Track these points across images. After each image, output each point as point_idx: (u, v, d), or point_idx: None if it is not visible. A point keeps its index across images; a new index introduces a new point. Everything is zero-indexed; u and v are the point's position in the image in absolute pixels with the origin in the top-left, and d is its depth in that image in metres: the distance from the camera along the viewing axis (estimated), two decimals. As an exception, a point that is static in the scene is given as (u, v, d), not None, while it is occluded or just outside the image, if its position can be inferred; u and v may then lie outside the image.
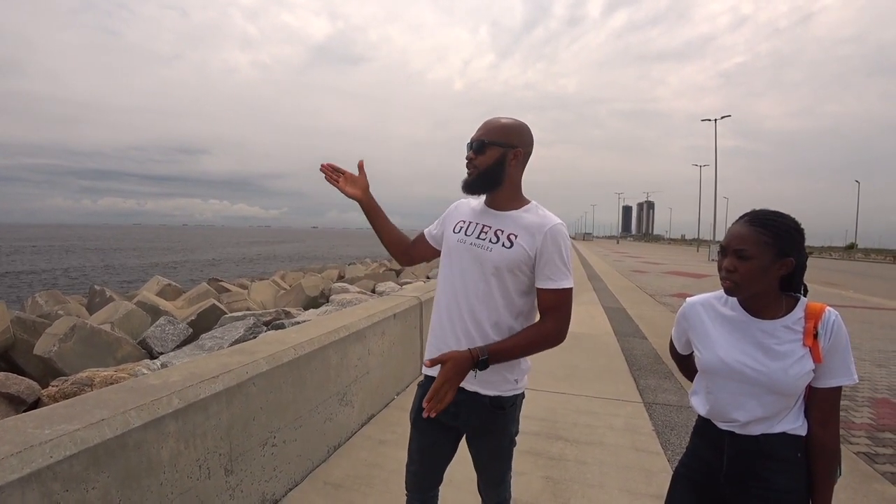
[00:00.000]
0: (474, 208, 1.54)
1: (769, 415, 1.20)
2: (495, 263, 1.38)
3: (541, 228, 1.38)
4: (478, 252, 1.41)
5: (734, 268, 1.18)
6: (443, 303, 1.48)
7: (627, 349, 5.56)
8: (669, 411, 3.59)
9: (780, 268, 1.16)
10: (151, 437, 1.61)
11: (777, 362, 1.17)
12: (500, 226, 1.43)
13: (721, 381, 1.26)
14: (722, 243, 1.24)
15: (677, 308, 6.69)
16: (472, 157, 1.43)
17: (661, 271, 19.49)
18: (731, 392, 1.24)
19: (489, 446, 1.51)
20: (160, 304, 8.68)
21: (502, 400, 1.44)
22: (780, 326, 1.19)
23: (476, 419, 1.46)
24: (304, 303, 10.39)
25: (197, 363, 2.08)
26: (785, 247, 1.15)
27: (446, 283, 1.49)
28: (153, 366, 4.54)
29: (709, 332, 1.29)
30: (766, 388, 1.18)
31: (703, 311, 1.33)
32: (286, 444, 2.32)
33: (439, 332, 1.48)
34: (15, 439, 1.32)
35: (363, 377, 3.14)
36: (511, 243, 1.38)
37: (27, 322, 6.69)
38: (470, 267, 1.42)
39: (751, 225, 1.18)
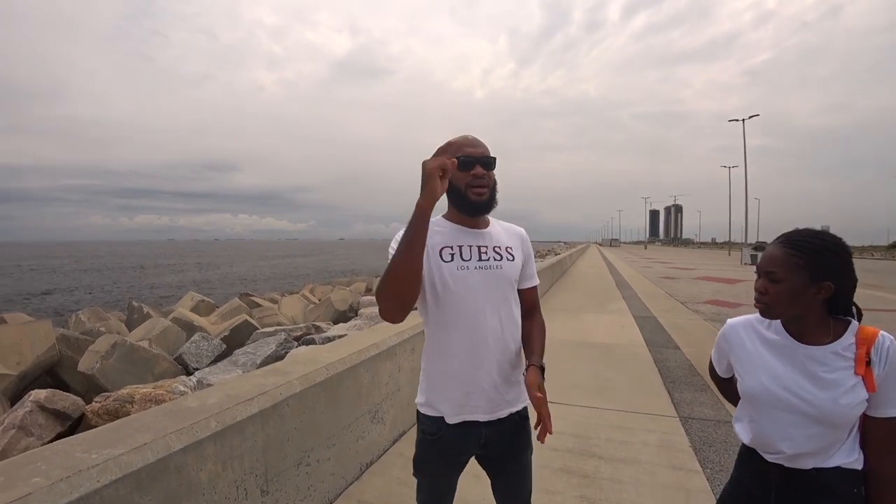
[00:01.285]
0: (446, 232, 1.41)
1: (819, 447, 1.13)
2: (510, 278, 1.43)
3: (520, 236, 1.53)
4: (489, 273, 1.40)
5: (765, 290, 1.15)
6: (465, 339, 1.37)
7: (660, 360, 5.43)
8: (707, 426, 3.48)
9: (817, 292, 1.10)
10: (191, 459, 1.65)
11: (826, 392, 1.10)
12: (493, 242, 1.44)
13: (765, 409, 1.19)
14: (756, 264, 1.21)
15: (711, 316, 6.53)
16: (483, 173, 1.36)
17: (693, 277, 19.02)
18: (776, 422, 1.17)
19: (520, 461, 1.50)
20: (195, 319, 8.92)
21: (525, 410, 1.49)
22: (828, 353, 1.12)
23: (508, 440, 1.46)
24: (333, 317, 10.53)
25: (232, 384, 2.13)
26: (820, 270, 1.09)
27: (460, 316, 1.36)
28: (189, 382, 4.65)
29: (751, 356, 1.23)
30: (814, 419, 1.11)
31: (745, 334, 1.27)
32: (320, 464, 2.35)
33: (468, 370, 1.37)
34: (64, 464, 1.37)
35: (394, 394, 3.16)
36: (512, 256, 1.45)
37: (71, 339, 6.97)
38: (483, 290, 1.38)
39: (783, 246, 1.13)
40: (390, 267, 1.21)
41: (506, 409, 1.42)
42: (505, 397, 1.41)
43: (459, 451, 1.44)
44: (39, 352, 6.05)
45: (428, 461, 1.46)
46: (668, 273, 21.07)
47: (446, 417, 1.40)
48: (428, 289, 1.39)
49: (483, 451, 1.46)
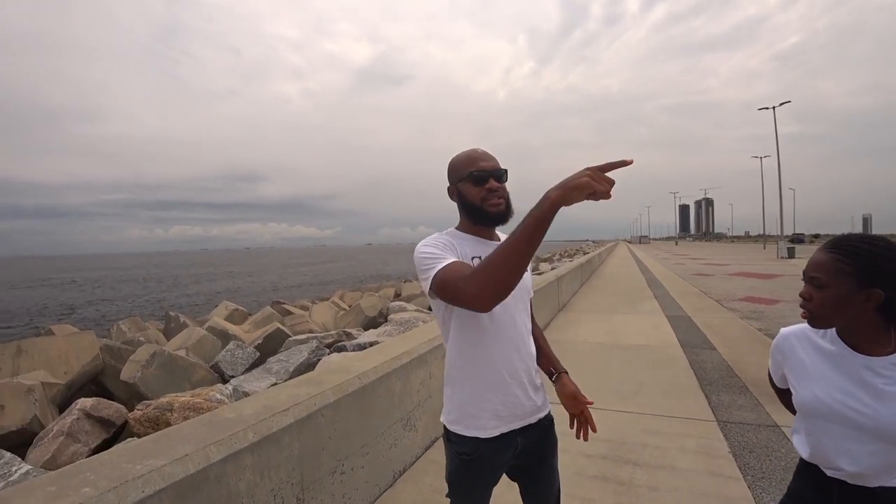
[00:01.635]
0: (468, 242, 1.40)
1: (883, 465, 1.06)
2: (527, 288, 1.48)
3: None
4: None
5: (809, 296, 1.10)
6: (495, 348, 1.36)
7: (696, 362, 5.29)
8: (746, 431, 3.37)
9: (865, 299, 1.04)
10: (230, 470, 1.69)
11: (888, 406, 1.03)
12: None
13: (821, 423, 1.13)
14: (803, 269, 1.16)
15: (747, 314, 6.33)
16: (497, 187, 1.38)
17: (727, 273, 18.49)
18: (833, 436, 1.11)
19: (549, 464, 1.52)
20: (229, 328, 9.14)
21: (551, 413, 1.53)
22: (889, 364, 1.06)
23: (538, 445, 1.48)
24: (363, 323, 10.64)
25: (268, 395, 2.17)
26: (869, 276, 1.03)
27: (492, 327, 1.35)
28: (225, 390, 4.77)
29: (804, 367, 1.18)
30: (875, 435, 1.05)
31: (798, 344, 1.21)
32: (354, 472, 2.38)
33: (502, 380, 1.37)
34: (111, 474, 1.43)
35: (426, 401, 3.17)
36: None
37: (113, 349, 7.24)
38: (512, 300, 1.36)
39: (829, 251, 1.08)
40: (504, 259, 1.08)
41: (536, 415, 1.45)
42: (536, 403, 1.45)
43: (496, 465, 1.42)
44: (85, 361, 6.31)
45: (465, 482, 1.42)
46: (701, 269, 20.54)
47: (485, 432, 1.37)
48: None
49: (517, 461, 1.46)
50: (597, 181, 1.01)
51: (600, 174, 1.02)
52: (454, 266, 1.22)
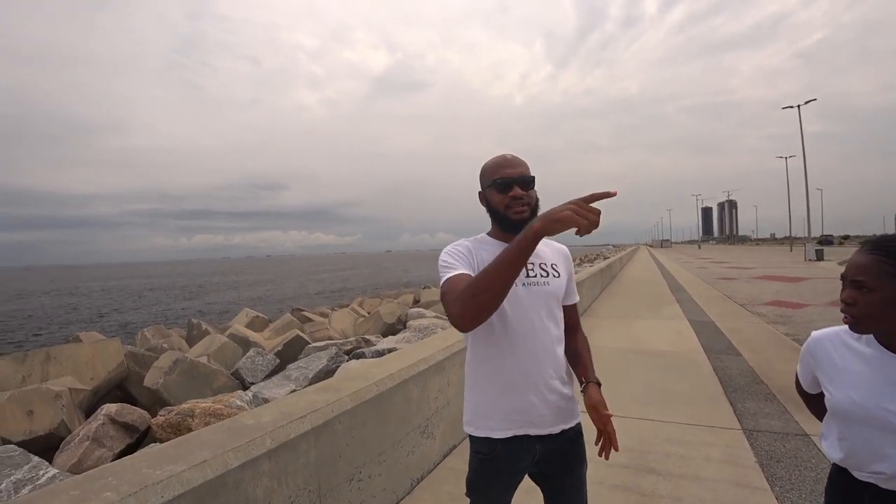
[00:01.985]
0: (493, 250, 1.38)
1: None
2: (556, 295, 1.44)
3: (563, 252, 1.53)
4: (537, 290, 1.40)
5: (853, 300, 1.06)
6: (514, 354, 1.37)
7: (720, 368, 5.17)
8: (773, 440, 3.27)
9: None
10: (248, 476, 1.70)
11: None
12: (539, 260, 1.45)
13: (857, 426, 1.11)
14: (842, 273, 1.12)
15: (773, 318, 6.18)
16: (521, 194, 1.38)
17: (752, 276, 18.08)
18: (870, 440, 1.09)
19: (576, 477, 1.48)
20: (249, 335, 9.26)
21: (580, 425, 1.48)
22: None
23: (563, 456, 1.44)
24: (382, 330, 10.68)
25: (286, 402, 2.19)
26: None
27: (509, 332, 1.36)
28: (245, 396, 4.82)
29: (839, 370, 1.15)
30: None
31: (832, 347, 1.19)
32: (371, 479, 2.37)
33: (518, 386, 1.38)
34: (132, 479, 1.45)
35: (444, 409, 3.16)
36: (557, 273, 1.45)
37: (137, 355, 7.39)
38: (533, 306, 1.39)
39: (871, 252, 1.05)
40: (484, 283, 1.13)
41: (559, 425, 1.41)
42: (558, 413, 1.41)
43: (514, 468, 1.42)
44: (110, 368, 6.45)
45: (482, 481, 1.44)
46: (725, 273, 20.12)
47: (496, 433, 1.39)
48: None
49: (537, 468, 1.45)
50: (580, 215, 1.03)
51: (585, 207, 1.03)
52: (453, 280, 1.26)
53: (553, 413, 1.40)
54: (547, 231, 1.06)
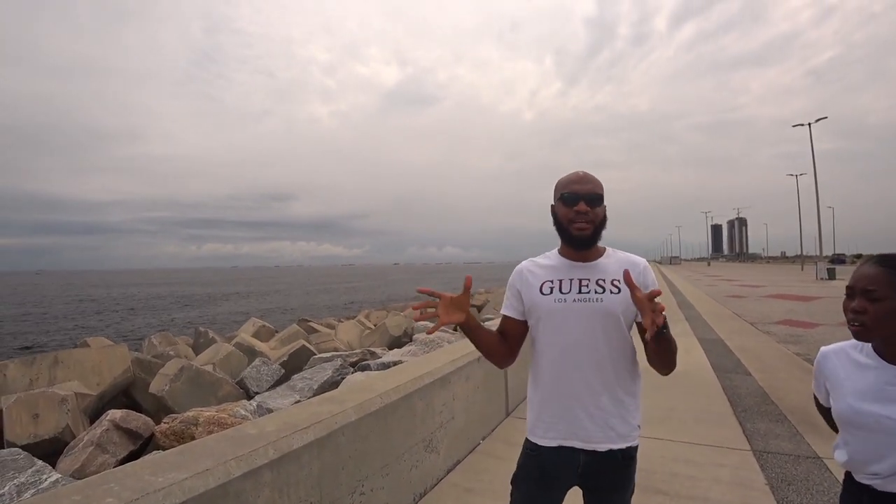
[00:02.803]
0: (553, 267, 1.49)
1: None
2: (610, 311, 1.40)
3: (636, 269, 1.44)
4: (587, 306, 1.40)
5: (863, 309, 1.13)
6: (561, 368, 1.42)
7: (730, 387, 5.09)
8: (785, 462, 3.20)
9: None
10: (249, 486, 1.69)
11: None
12: (598, 276, 1.44)
13: (855, 430, 1.20)
14: (848, 284, 1.19)
15: (784, 338, 6.12)
16: (586, 210, 1.39)
17: (762, 295, 17.86)
18: (867, 442, 1.17)
19: (617, 500, 1.47)
20: (256, 345, 9.27)
21: (632, 450, 1.44)
22: None
23: (607, 477, 1.43)
24: (388, 342, 10.66)
25: (290, 412, 2.18)
26: None
27: (557, 349, 1.42)
28: (249, 406, 4.82)
29: (842, 380, 1.24)
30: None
31: (837, 360, 1.28)
32: (374, 493, 2.34)
33: (564, 398, 1.42)
34: (135, 486, 1.45)
35: (448, 423, 3.13)
36: (618, 289, 1.41)
37: (144, 362, 7.42)
38: (581, 323, 1.40)
39: (880, 265, 1.14)
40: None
41: (606, 444, 1.40)
42: (606, 432, 1.40)
43: (555, 473, 1.45)
44: (116, 373, 6.48)
45: (526, 474, 1.49)
46: (735, 291, 19.90)
47: (541, 440, 1.45)
48: (532, 321, 1.49)
49: (582, 482, 1.45)
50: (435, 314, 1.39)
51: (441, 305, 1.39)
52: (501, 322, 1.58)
53: (600, 430, 1.39)
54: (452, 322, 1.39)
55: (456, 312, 1.40)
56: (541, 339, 1.46)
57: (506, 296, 1.57)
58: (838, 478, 2.87)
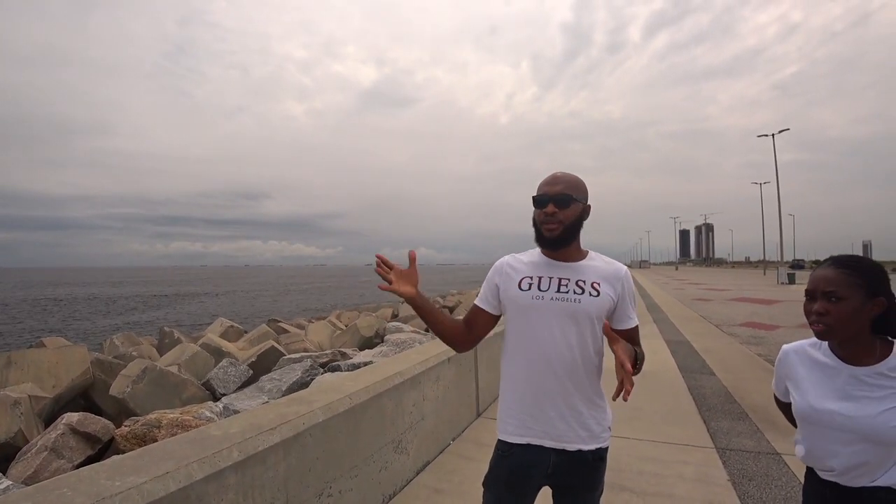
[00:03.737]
0: (534, 263, 1.50)
1: (865, 463, 1.16)
2: (587, 313, 1.40)
3: (617, 275, 1.47)
4: (564, 306, 1.40)
5: (825, 310, 1.16)
6: (533, 365, 1.42)
7: (695, 387, 5.22)
8: (746, 458, 3.30)
9: (871, 308, 1.14)
10: (212, 489, 1.64)
11: (869, 409, 1.14)
12: (579, 276, 1.44)
13: (812, 427, 1.24)
14: (808, 287, 1.22)
15: (747, 339, 6.35)
16: (554, 211, 1.40)
17: (727, 298, 18.43)
18: (824, 438, 1.22)
19: (585, 499, 1.47)
20: (223, 345, 9.05)
21: (602, 451, 1.45)
22: (873, 373, 1.16)
23: (576, 477, 1.44)
24: (359, 343, 10.54)
25: (256, 413, 2.13)
26: (875, 286, 1.14)
27: (531, 345, 1.43)
28: (215, 408, 4.69)
29: (802, 378, 1.28)
30: (859, 436, 1.15)
31: (797, 358, 1.32)
32: (342, 494, 2.31)
33: (535, 396, 1.42)
34: (89, 490, 1.39)
35: (418, 424, 3.11)
36: (598, 292, 1.42)
37: (105, 363, 7.15)
38: (558, 322, 1.40)
39: (836, 267, 1.17)
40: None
41: (576, 444, 1.41)
42: (576, 432, 1.41)
43: (526, 472, 1.44)
44: (74, 375, 6.22)
45: (496, 476, 1.49)
46: (701, 295, 20.47)
47: (511, 437, 1.46)
48: (508, 316, 1.51)
49: (551, 481, 1.46)
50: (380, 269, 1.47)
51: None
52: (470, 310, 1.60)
53: (571, 430, 1.40)
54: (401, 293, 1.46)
55: (406, 284, 1.47)
56: (515, 335, 1.47)
57: (482, 287, 1.58)
58: (796, 472, 2.98)
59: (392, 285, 1.46)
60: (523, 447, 1.44)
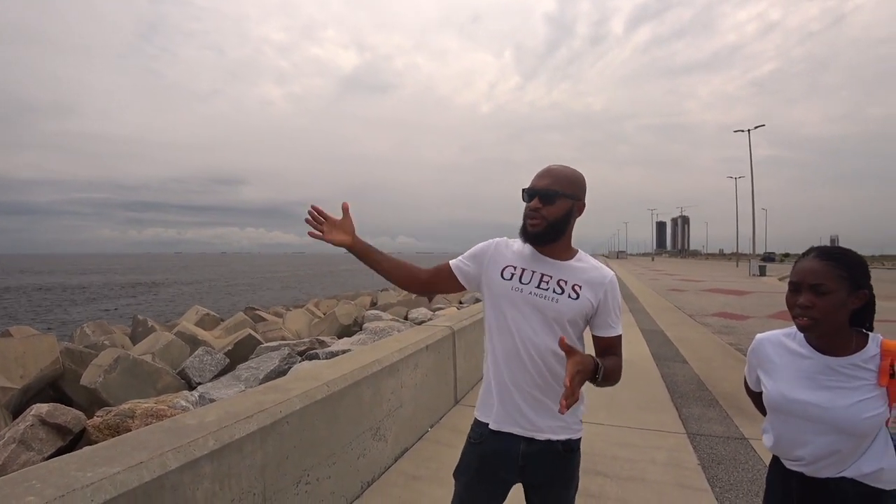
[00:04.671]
0: (521, 253, 1.47)
1: (835, 454, 1.17)
2: (562, 314, 1.38)
3: (602, 281, 1.42)
4: (541, 302, 1.39)
5: (812, 303, 1.14)
6: (506, 354, 1.42)
7: (668, 375, 5.36)
8: (715, 443, 3.41)
9: (854, 301, 1.14)
10: (187, 478, 1.62)
11: (842, 400, 1.14)
12: (562, 276, 1.41)
13: (783, 416, 1.24)
14: (792, 279, 1.20)
15: (719, 329, 6.51)
16: (538, 206, 1.36)
17: (700, 289, 18.88)
18: (795, 428, 1.22)
19: (559, 497, 1.46)
20: (199, 333, 8.91)
21: (573, 442, 1.44)
22: (848, 364, 1.16)
23: (547, 470, 1.42)
24: (337, 331, 10.50)
25: (232, 402, 2.11)
26: (859, 278, 1.13)
27: (505, 334, 1.42)
28: (191, 397, 4.63)
29: (776, 368, 1.28)
30: (831, 427, 1.15)
31: (771, 348, 1.31)
32: (320, 482, 2.31)
33: (506, 384, 1.41)
34: (59, 482, 1.36)
35: (396, 411, 3.12)
36: (577, 295, 1.39)
37: (75, 353, 6.97)
38: (531, 316, 1.39)
39: (822, 259, 1.15)
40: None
41: (545, 434, 1.40)
42: (545, 421, 1.40)
43: (497, 461, 1.44)
44: (43, 365, 6.05)
45: (467, 465, 1.49)
46: (676, 285, 20.92)
47: (490, 423, 1.44)
48: (486, 300, 1.50)
49: (523, 477, 1.44)
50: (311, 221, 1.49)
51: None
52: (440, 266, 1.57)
53: (540, 419, 1.40)
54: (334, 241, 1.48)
55: (340, 234, 1.49)
56: (493, 322, 1.46)
57: (467, 253, 1.55)
58: (762, 456, 3.09)
59: (325, 236, 1.47)
60: (494, 434, 1.43)
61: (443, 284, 1.56)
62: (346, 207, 1.51)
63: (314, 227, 1.49)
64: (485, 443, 1.45)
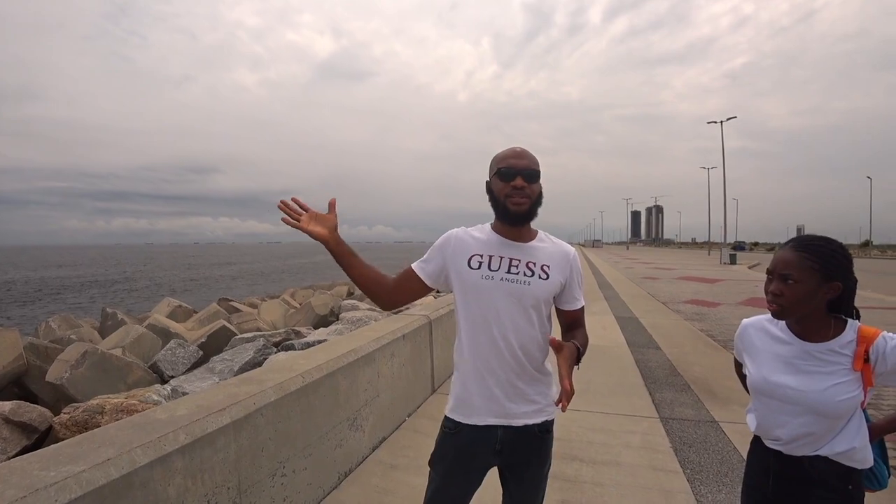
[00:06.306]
0: (484, 240, 1.46)
1: (810, 434, 1.23)
2: (536, 296, 1.40)
3: (566, 258, 1.46)
4: (514, 287, 1.39)
5: (780, 292, 1.21)
6: (480, 344, 1.40)
7: (642, 361, 5.47)
8: (687, 427, 3.50)
9: (826, 291, 1.18)
10: (158, 475, 1.58)
11: (818, 383, 1.20)
12: (529, 258, 1.42)
13: (765, 398, 1.30)
14: (768, 267, 1.27)
15: (691, 316, 6.66)
16: (523, 185, 1.36)
17: (673, 277, 19.28)
18: (773, 410, 1.28)
19: (534, 476, 1.48)
20: (171, 326, 8.72)
21: (548, 423, 1.47)
22: (825, 349, 1.21)
23: (523, 452, 1.44)
24: (313, 321, 10.39)
25: (205, 395, 2.06)
26: (831, 271, 1.17)
27: (479, 324, 1.40)
28: (163, 391, 4.53)
29: (758, 352, 1.34)
30: (807, 409, 1.21)
31: (754, 332, 1.37)
32: (296, 474, 2.29)
33: (481, 374, 1.41)
34: (21, 482, 1.31)
35: (373, 401, 3.11)
36: (547, 275, 1.41)
37: (40, 348, 6.75)
38: (505, 302, 1.39)
39: (796, 250, 1.20)
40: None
41: (520, 420, 1.42)
42: (521, 408, 1.41)
43: (474, 449, 1.44)
44: (5, 362, 5.84)
45: (443, 454, 1.48)
46: (650, 273, 21.33)
47: (459, 417, 1.44)
48: (456, 292, 1.47)
49: (500, 459, 1.45)
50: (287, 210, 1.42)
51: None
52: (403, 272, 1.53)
53: (516, 407, 1.41)
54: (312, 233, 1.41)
55: (318, 226, 1.42)
56: (464, 313, 1.44)
57: (426, 255, 1.51)
58: (731, 439, 3.19)
59: (300, 224, 1.41)
60: (471, 426, 1.43)
61: (409, 288, 1.50)
62: (332, 203, 1.46)
63: (290, 214, 1.42)
64: (461, 433, 1.44)
